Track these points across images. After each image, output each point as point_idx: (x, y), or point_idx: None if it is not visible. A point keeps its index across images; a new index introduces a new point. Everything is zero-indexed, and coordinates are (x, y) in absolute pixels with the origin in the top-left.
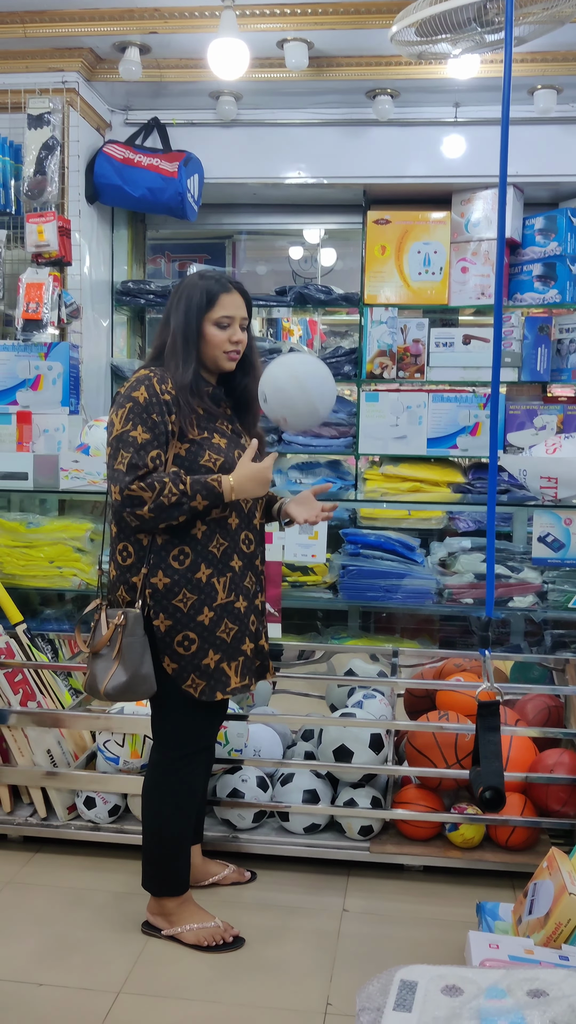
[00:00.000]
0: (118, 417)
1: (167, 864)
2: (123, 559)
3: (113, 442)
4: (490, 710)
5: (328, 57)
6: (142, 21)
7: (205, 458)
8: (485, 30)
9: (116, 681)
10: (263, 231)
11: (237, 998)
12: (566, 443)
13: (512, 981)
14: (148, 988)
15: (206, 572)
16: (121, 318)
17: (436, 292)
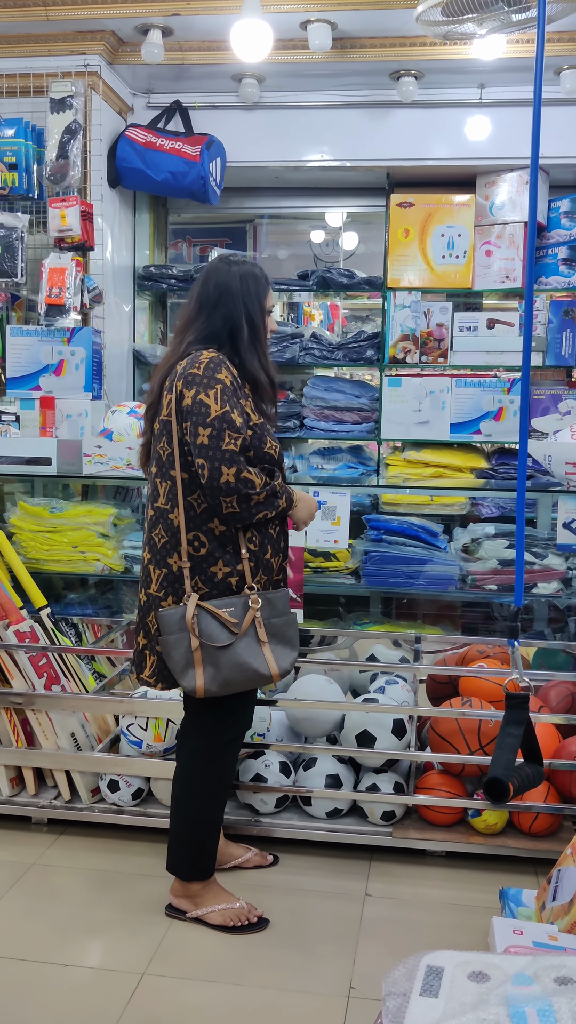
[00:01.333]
0: (210, 398)
1: (200, 848)
2: (196, 549)
3: (215, 423)
4: (516, 702)
5: (352, 38)
6: (164, 3)
7: (268, 445)
8: (512, 9)
9: (289, 658)
10: (285, 215)
11: (260, 980)
12: None
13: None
14: (172, 970)
15: (269, 552)
16: (143, 303)
17: (460, 276)
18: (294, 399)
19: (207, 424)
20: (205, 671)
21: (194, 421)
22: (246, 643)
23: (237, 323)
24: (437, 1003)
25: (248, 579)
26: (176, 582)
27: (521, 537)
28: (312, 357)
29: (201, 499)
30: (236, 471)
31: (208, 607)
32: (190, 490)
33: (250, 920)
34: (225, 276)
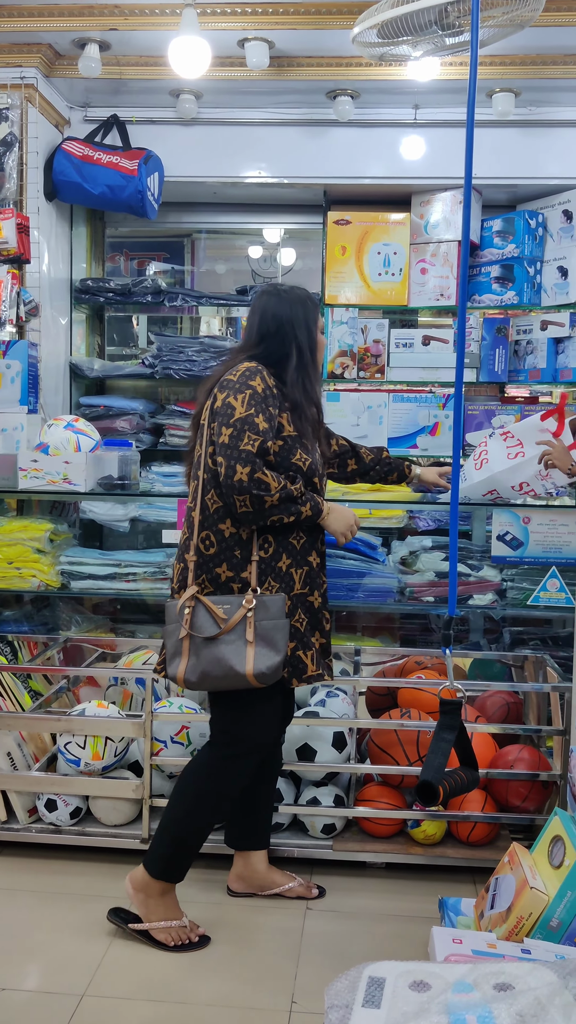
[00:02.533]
0: (238, 401)
1: (180, 851)
2: (206, 547)
3: (237, 424)
4: (450, 708)
5: (289, 57)
6: (102, 18)
7: (296, 456)
8: (446, 33)
9: (270, 662)
10: (223, 230)
11: (203, 998)
12: (492, 445)
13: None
14: (113, 990)
15: (286, 562)
16: (80, 316)
17: (396, 293)
18: None
19: (230, 424)
20: (188, 661)
21: (220, 421)
22: (233, 641)
23: (288, 351)
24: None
25: (252, 583)
26: (190, 577)
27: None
28: None
29: (216, 499)
30: (250, 471)
31: (205, 600)
32: (206, 490)
33: (191, 939)
34: (277, 307)
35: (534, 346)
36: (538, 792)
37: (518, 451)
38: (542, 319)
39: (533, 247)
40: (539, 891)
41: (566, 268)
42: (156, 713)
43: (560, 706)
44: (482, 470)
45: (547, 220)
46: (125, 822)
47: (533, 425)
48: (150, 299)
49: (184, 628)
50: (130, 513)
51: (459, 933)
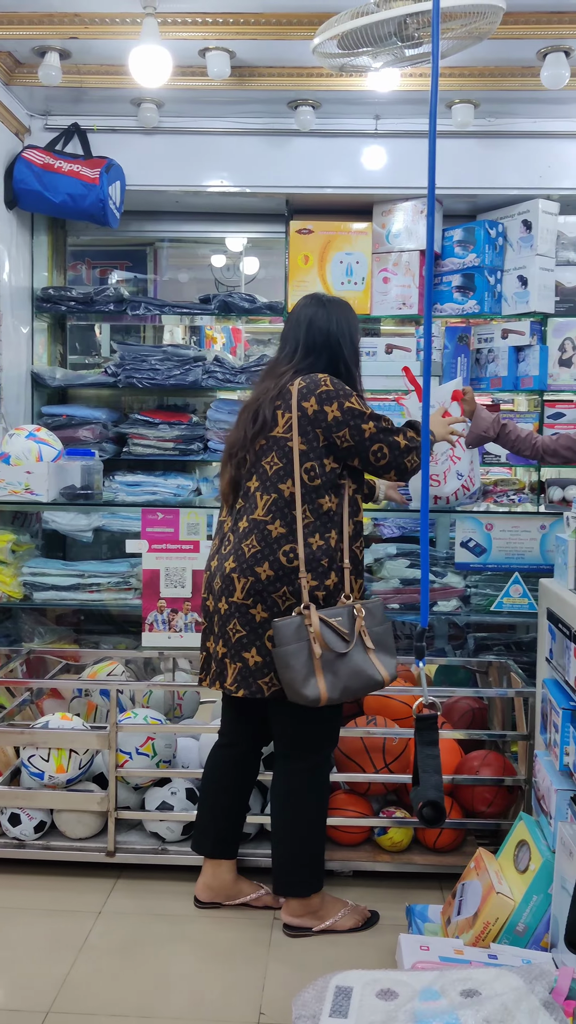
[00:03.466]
0: (355, 402)
1: (318, 861)
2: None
3: (373, 416)
4: (427, 724)
5: (250, 67)
6: (62, 26)
7: None
8: (405, 45)
9: (393, 665)
10: (185, 239)
11: (170, 1012)
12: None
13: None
14: (79, 1006)
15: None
16: (41, 325)
17: (358, 302)
18: (197, 422)
19: (368, 419)
20: (326, 679)
21: (354, 424)
22: (358, 651)
23: (337, 366)
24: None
25: (346, 588)
26: (264, 591)
27: (426, 557)
28: (215, 380)
29: (307, 516)
30: (403, 435)
31: (324, 617)
32: (292, 505)
33: (367, 916)
34: (324, 321)
35: (495, 354)
36: (503, 797)
37: None
38: (503, 328)
39: (493, 256)
40: (505, 896)
41: (526, 277)
42: (121, 724)
43: (524, 711)
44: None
45: (507, 230)
46: (90, 835)
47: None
48: (112, 308)
49: (317, 647)
50: (93, 523)
51: (426, 940)
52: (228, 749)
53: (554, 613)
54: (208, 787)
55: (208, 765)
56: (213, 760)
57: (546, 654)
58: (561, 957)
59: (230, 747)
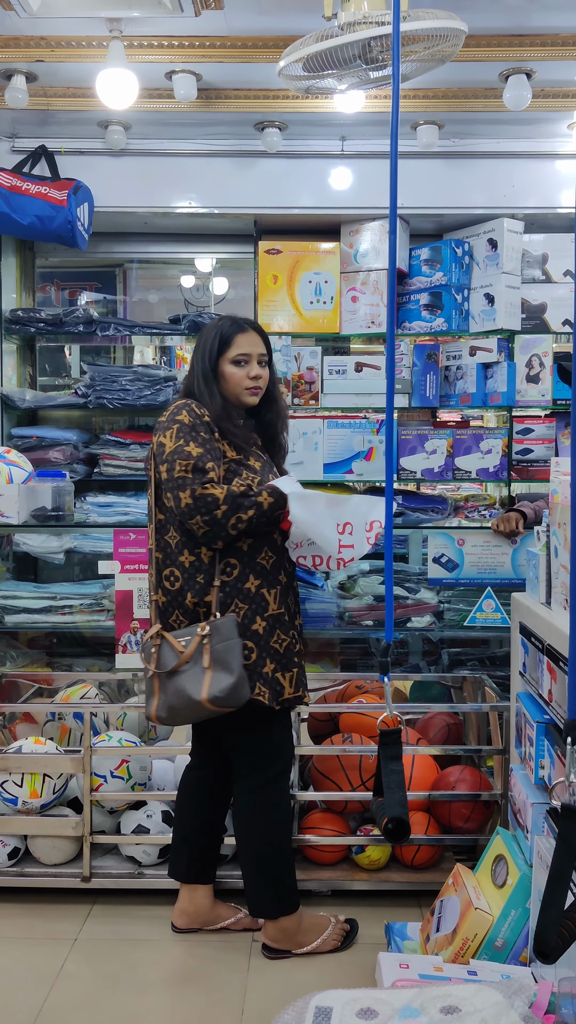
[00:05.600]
0: (167, 437)
1: (280, 883)
2: (171, 584)
3: (169, 457)
4: (391, 738)
5: (216, 89)
6: (28, 49)
7: (243, 476)
8: (369, 67)
9: (223, 684)
10: (154, 260)
11: None
12: None
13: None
14: None
15: (255, 583)
16: (11, 346)
17: (328, 321)
18: None
19: (164, 460)
20: (158, 698)
21: (157, 461)
22: (191, 669)
23: (196, 381)
24: None
25: (213, 608)
26: (162, 614)
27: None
28: None
29: (175, 535)
30: (190, 492)
31: (167, 636)
32: (163, 530)
33: (346, 931)
34: (197, 338)
35: (464, 371)
36: (480, 812)
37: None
38: (471, 345)
39: (460, 275)
40: (483, 911)
41: (492, 295)
42: (95, 748)
43: (499, 725)
44: None
45: (473, 249)
46: (65, 860)
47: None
48: (82, 329)
49: (151, 667)
50: (65, 545)
51: (405, 958)
52: (197, 771)
53: (527, 627)
54: (180, 810)
55: (180, 788)
56: (184, 783)
57: (519, 668)
58: (540, 971)
59: (199, 768)
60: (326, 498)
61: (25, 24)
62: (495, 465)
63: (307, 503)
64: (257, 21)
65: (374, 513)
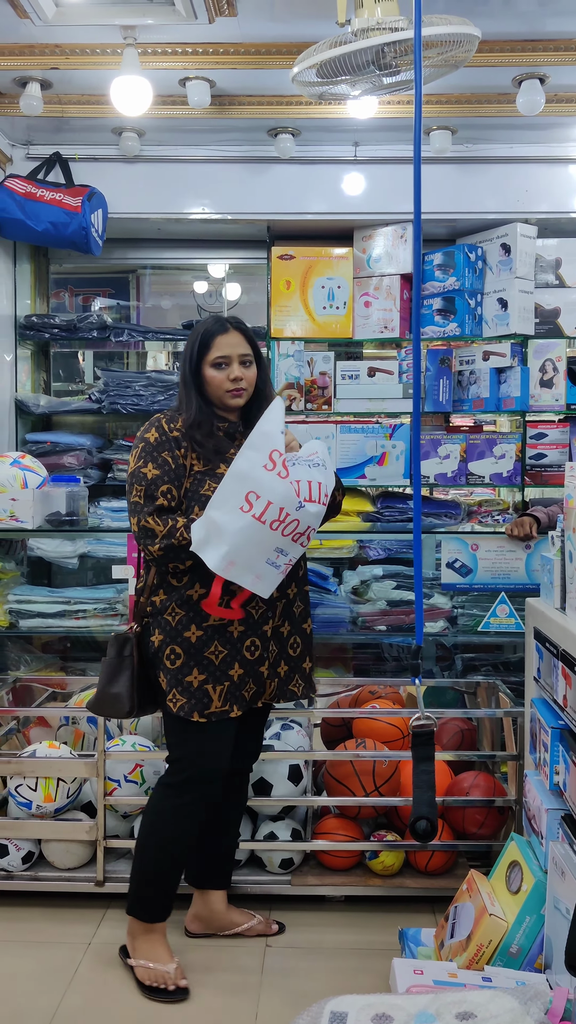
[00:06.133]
0: (133, 456)
1: (142, 887)
2: (140, 584)
3: (129, 479)
4: (422, 740)
5: (230, 96)
6: (43, 57)
7: (205, 488)
8: (383, 73)
9: (93, 697)
10: (167, 265)
11: None
12: None
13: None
14: None
15: (199, 591)
16: (25, 352)
17: (341, 326)
18: None
19: (126, 481)
20: None
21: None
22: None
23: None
24: None
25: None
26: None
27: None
28: None
29: None
30: (137, 520)
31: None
32: None
33: (167, 986)
34: None
35: (477, 376)
36: (494, 818)
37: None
38: (484, 350)
39: (473, 280)
40: (498, 917)
41: (506, 300)
42: (109, 752)
43: (513, 731)
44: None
45: (486, 253)
46: (79, 865)
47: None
48: (96, 335)
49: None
50: (79, 549)
51: (420, 964)
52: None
53: (541, 632)
54: None
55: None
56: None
57: (534, 673)
58: (555, 978)
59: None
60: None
61: (40, 32)
62: (509, 470)
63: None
64: (270, 28)
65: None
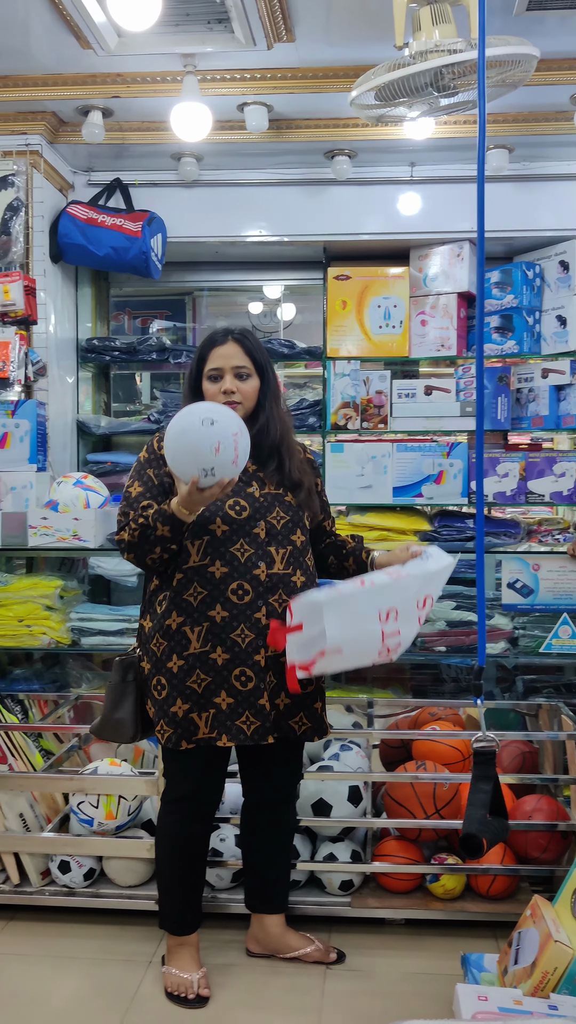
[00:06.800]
0: (129, 474)
1: (164, 901)
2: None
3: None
4: (484, 759)
5: (287, 119)
6: (105, 86)
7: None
8: (441, 94)
9: (96, 721)
10: (223, 287)
11: None
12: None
13: None
14: None
15: (177, 620)
16: (86, 374)
17: (397, 345)
18: None
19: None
20: None
21: None
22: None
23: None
24: None
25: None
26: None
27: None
28: None
29: None
30: (117, 535)
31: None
32: None
33: (187, 995)
34: None
35: (536, 394)
36: (557, 843)
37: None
38: (543, 367)
39: (531, 297)
40: (563, 944)
41: (564, 317)
42: None
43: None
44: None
45: (544, 271)
46: (139, 883)
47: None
48: (155, 356)
49: None
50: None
51: (484, 990)
52: (247, 798)
53: None
54: (243, 841)
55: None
56: (242, 812)
57: None
58: None
59: (248, 795)
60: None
61: (102, 62)
62: (569, 488)
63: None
64: (327, 52)
65: (430, 587)
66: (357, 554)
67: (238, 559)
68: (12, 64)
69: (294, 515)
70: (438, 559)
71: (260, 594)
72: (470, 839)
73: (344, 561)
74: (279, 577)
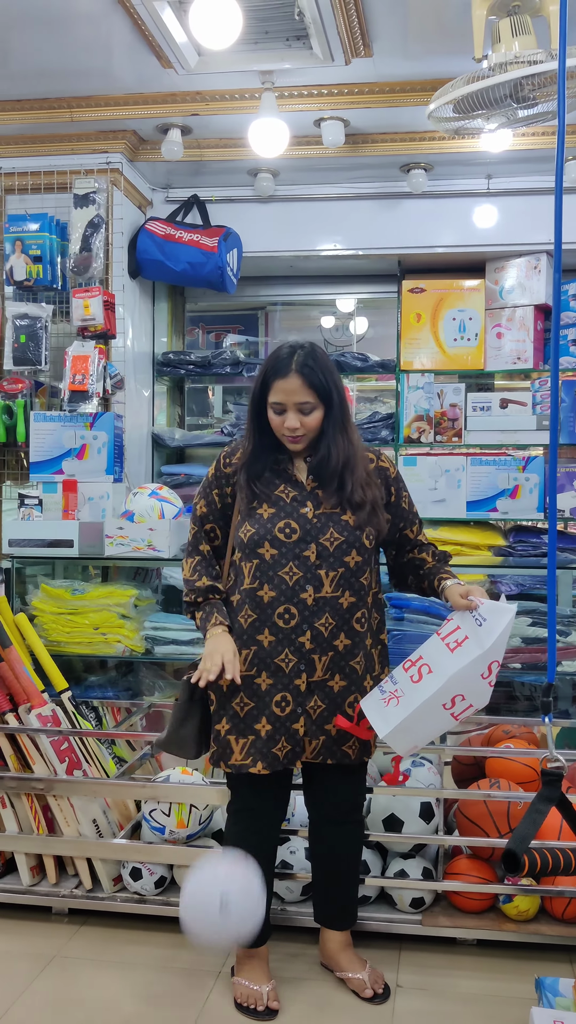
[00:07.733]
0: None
1: None
2: None
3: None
4: (550, 779)
5: (363, 134)
6: (184, 104)
7: (243, 529)
8: (520, 106)
9: (161, 735)
10: (297, 301)
11: None
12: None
13: None
14: None
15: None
16: (161, 388)
17: (472, 358)
18: None
19: None
20: None
21: None
22: None
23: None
24: None
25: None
26: None
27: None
28: None
29: None
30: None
31: None
32: None
33: (256, 1007)
34: None
35: None
36: None
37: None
38: None
39: None
40: None
41: None
42: None
43: None
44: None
45: None
46: None
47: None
48: (228, 370)
49: None
50: None
51: (560, 1015)
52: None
53: None
54: (309, 854)
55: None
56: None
57: None
58: None
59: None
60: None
61: (182, 80)
62: None
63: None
64: (405, 66)
65: (492, 655)
66: (431, 579)
67: (286, 583)
68: (95, 84)
69: (350, 535)
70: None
71: (305, 618)
72: (511, 856)
73: (421, 583)
74: (326, 600)
